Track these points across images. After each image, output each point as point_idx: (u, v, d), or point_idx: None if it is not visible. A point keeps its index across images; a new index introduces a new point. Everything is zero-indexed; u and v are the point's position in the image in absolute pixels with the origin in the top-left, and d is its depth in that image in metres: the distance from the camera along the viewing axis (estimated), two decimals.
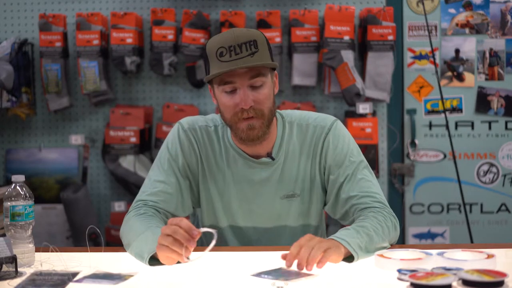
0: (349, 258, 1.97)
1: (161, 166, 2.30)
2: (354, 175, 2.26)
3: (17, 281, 1.82)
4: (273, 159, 2.28)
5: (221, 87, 2.17)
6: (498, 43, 4.45)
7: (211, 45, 2.16)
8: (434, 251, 1.98)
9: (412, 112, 4.47)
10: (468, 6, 4.44)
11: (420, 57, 4.46)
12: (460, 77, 4.46)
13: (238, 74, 2.13)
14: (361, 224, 2.09)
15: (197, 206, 2.39)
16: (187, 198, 2.32)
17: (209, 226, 2.31)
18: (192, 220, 2.56)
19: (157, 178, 2.29)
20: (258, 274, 1.83)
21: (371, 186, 2.25)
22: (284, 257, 1.88)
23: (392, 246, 2.16)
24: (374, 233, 2.06)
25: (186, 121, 2.36)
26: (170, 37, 4.25)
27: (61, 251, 2.04)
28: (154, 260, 1.98)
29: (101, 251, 2.11)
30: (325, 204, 2.36)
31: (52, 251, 2.01)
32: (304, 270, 1.83)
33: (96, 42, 4.23)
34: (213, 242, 1.88)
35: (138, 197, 2.29)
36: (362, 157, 2.32)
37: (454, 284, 1.70)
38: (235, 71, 2.12)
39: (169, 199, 2.27)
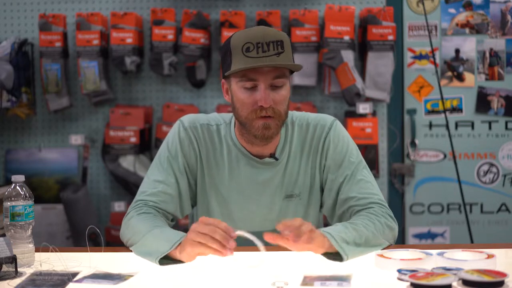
0: (338, 256, 1.98)
1: (160, 165, 2.29)
2: (353, 176, 2.26)
3: (17, 281, 1.82)
4: (276, 159, 2.28)
5: (241, 83, 2.15)
6: (498, 43, 4.45)
7: (236, 39, 2.14)
8: (434, 251, 1.98)
9: (412, 112, 4.48)
10: (468, 6, 4.44)
11: (420, 57, 4.46)
12: (460, 77, 4.46)
13: (262, 72, 2.12)
14: (351, 221, 2.10)
15: (196, 205, 2.38)
16: (187, 198, 2.31)
17: None
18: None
19: (156, 178, 2.28)
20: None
21: (370, 187, 2.25)
22: (268, 237, 1.90)
23: (392, 246, 2.16)
24: (364, 229, 2.06)
25: (187, 118, 2.34)
26: (170, 37, 4.25)
27: (61, 251, 2.04)
28: (163, 259, 1.98)
29: (101, 251, 2.11)
30: (321, 206, 2.36)
31: (52, 251, 2.01)
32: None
33: (96, 42, 4.23)
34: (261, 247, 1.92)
35: (137, 197, 2.27)
36: (361, 157, 2.32)
37: (454, 284, 1.70)
38: (260, 68, 2.11)
39: (169, 200, 2.26)
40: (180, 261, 1.98)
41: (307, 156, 2.31)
